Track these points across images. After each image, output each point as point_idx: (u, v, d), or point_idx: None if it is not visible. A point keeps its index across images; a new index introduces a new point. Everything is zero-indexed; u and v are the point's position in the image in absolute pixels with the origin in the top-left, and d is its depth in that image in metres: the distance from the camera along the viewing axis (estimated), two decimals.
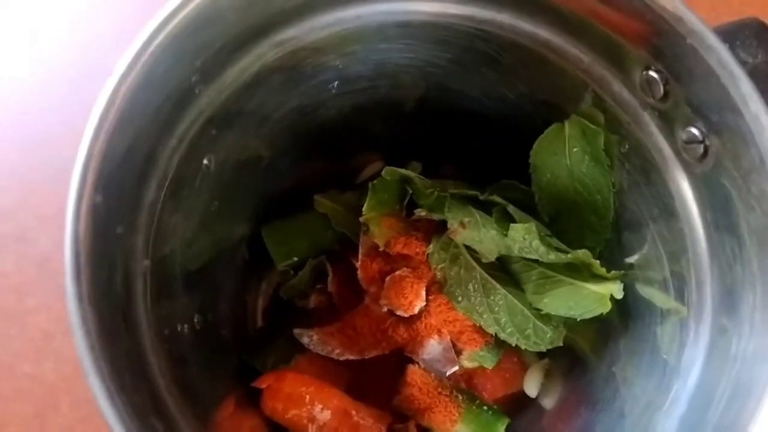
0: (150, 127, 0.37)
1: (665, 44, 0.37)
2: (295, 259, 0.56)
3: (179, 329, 0.43)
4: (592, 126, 0.46)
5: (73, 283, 0.31)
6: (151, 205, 0.39)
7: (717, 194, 0.38)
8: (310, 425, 0.51)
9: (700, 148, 0.38)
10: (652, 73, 0.39)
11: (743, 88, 0.35)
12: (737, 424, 0.33)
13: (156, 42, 0.35)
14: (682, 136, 0.40)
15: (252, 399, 0.52)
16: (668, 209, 0.42)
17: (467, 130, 0.55)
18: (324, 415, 0.51)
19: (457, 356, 0.53)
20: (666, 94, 0.39)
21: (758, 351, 0.34)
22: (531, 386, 0.55)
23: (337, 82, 0.49)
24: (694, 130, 0.38)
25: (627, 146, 0.45)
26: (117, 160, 0.35)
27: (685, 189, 0.41)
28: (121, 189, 0.36)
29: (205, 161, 0.44)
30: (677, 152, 0.41)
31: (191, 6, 0.35)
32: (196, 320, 0.46)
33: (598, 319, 0.49)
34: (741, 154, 0.35)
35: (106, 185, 0.34)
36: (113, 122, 0.34)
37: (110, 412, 0.30)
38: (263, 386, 0.51)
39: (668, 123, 0.40)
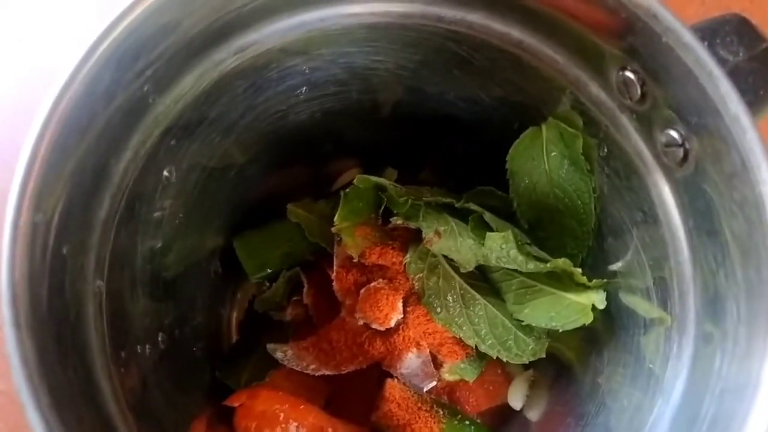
0: (99, 140, 0.35)
1: (640, 42, 0.35)
2: (269, 270, 0.54)
3: (139, 350, 0.41)
4: (570, 129, 0.44)
5: (9, 309, 0.29)
6: (104, 223, 0.38)
7: (698, 200, 0.36)
8: None
9: (680, 152, 0.37)
10: (629, 74, 0.38)
11: (722, 89, 0.33)
12: None
13: (100, 50, 0.33)
14: (662, 138, 0.38)
15: (225, 418, 0.50)
16: (650, 215, 0.41)
17: (444, 136, 0.54)
18: None
19: (438, 369, 0.51)
20: (643, 95, 0.38)
21: (742, 369, 0.32)
22: (515, 398, 0.53)
23: (305, 88, 0.47)
24: (674, 133, 0.37)
25: (606, 150, 0.43)
26: (61, 176, 0.33)
27: (666, 194, 0.39)
28: (67, 207, 0.34)
29: (165, 173, 0.42)
30: (657, 156, 0.39)
31: (137, 12, 0.33)
32: (160, 339, 0.44)
33: (583, 329, 0.47)
34: (722, 157, 0.33)
35: (47, 203, 0.32)
36: (54, 135, 0.32)
37: None
38: (236, 404, 0.50)
39: (647, 125, 0.39)
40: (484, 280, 0.50)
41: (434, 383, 0.50)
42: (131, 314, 0.41)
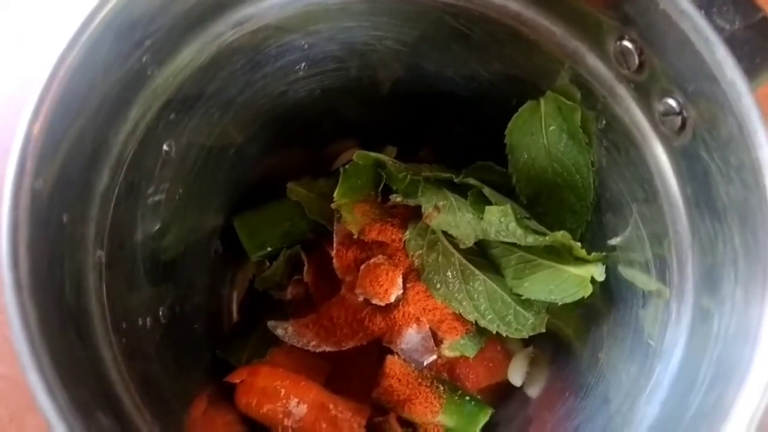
0: (98, 110, 0.35)
1: (637, 11, 0.35)
2: (269, 249, 0.54)
3: (140, 323, 0.41)
4: (568, 102, 0.44)
5: (10, 271, 0.30)
6: (104, 194, 0.38)
7: (696, 168, 0.36)
8: (285, 420, 0.49)
9: (678, 120, 0.37)
10: (626, 43, 0.38)
11: (718, 55, 0.33)
12: (719, 408, 0.31)
13: (97, 19, 0.33)
14: (659, 108, 0.38)
15: (226, 395, 0.50)
16: (648, 186, 0.41)
17: (443, 113, 0.54)
18: (300, 409, 0.49)
19: (438, 346, 0.51)
20: (641, 64, 0.38)
21: (740, 330, 0.32)
22: (515, 375, 0.53)
23: (304, 64, 0.47)
24: (671, 102, 0.37)
25: (604, 122, 0.43)
26: (60, 145, 0.33)
27: (664, 164, 0.39)
28: (67, 175, 0.34)
29: (165, 147, 0.43)
30: (655, 126, 0.39)
31: None
32: (161, 313, 0.45)
33: (582, 304, 0.47)
34: (718, 123, 0.34)
35: (47, 171, 0.32)
36: (54, 103, 0.32)
37: (48, 406, 0.28)
38: (237, 381, 0.50)
39: (644, 95, 0.39)
40: (483, 256, 0.50)
41: (434, 357, 0.50)
42: (132, 287, 0.41)
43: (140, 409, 0.36)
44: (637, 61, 0.38)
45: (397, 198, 0.51)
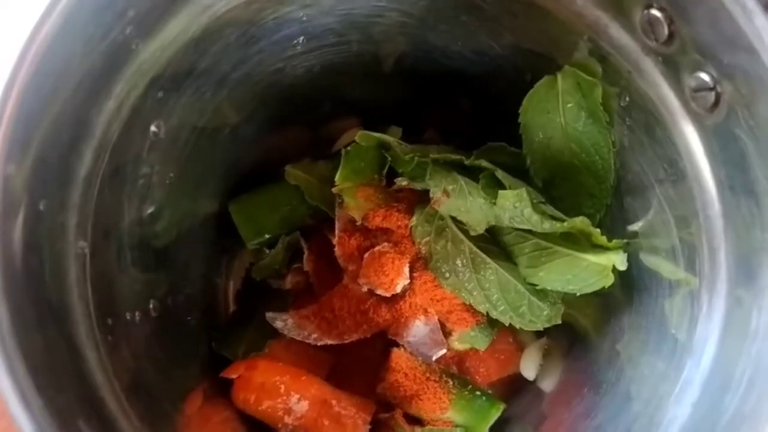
0: (77, 88, 0.32)
1: None
2: (267, 236, 0.51)
3: (128, 317, 0.38)
4: (587, 77, 0.41)
5: None
6: (86, 179, 0.35)
7: (731, 148, 0.34)
8: (286, 417, 0.47)
9: (711, 96, 0.34)
10: (655, 12, 0.35)
11: (757, 23, 0.30)
12: (759, 411, 0.29)
13: None
14: (690, 83, 0.35)
15: (223, 390, 0.48)
16: (676, 169, 0.38)
17: (450, 91, 0.51)
18: (301, 405, 0.47)
19: (447, 338, 0.49)
20: (671, 35, 0.35)
21: None
22: (528, 368, 0.51)
23: (302, 38, 0.44)
24: (704, 76, 0.34)
25: (628, 99, 0.40)
26: (35, 126, 0.30)
27: (694, 144, 0.36)
28: (44, 159, 0.31)
29: (152, 128, 0.39)
30: (685, 102, 0.36)
31: None
32: (151, 306, 0.42)
33: (600, 294, 0.44)
34: (757, 99, 0.31)
35: (21, 154, 0.29)
36: (26, 80, 0.29)
37: (22, 415, 0.26)
38: (233, 376, 0.47)
39: (674, 69, 0.36)
40: (494, 244, 0.47)
41: (443, 351, 0.48)
42: (119, 280, 0.39)
43: (127, 412, 0.33)
44: (666, 32, 0.35)
45: (402, 182, 0.48)
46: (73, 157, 0.33)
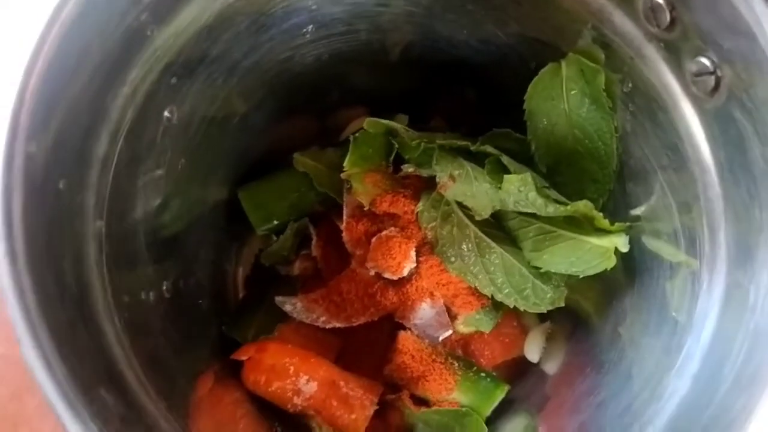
0: (95, 72, 0.33)
1: None
2: (275, 222, 0.52)
3: (143, 297, 0.39)
4: (591, 64, 0.42)
5: (4, 240, 0.28)
6: (103, 160, 0.36)
7: (730, 131, 0.34)
8: (295, 398, 0.47)
9: (711, 80, 0.35)
10: None
11: (757, 9, 0.31)
12: (757, 380, 0.29)
13: None
14: (692, 68, 0.36)
15: (233, 372, 0.49)
16: (677, 152, 0.39)
17: (456, 80, 0.51)
18: (310, 386, 0.48)
19: (452, 321, 0.50)
20: (672, 21, 0.35)
21: None
22: (532, 351, 0.52)
23: (311, 26, 0.45)
24: (705, 60, 0.35)
25: (630, 85, 0.41)
26: (55, 107, 0.31)
27: (695, 128, 0.37)
28: (63, 140, 0.32)
29: (166, 113, 0.40)
30: (686, 87, 0.37)
31: None
32: (164, 288, 0.43)
33: (602, 278, 0.45)
34: (756, 82, 0.32)
35: (42, 134, 0.30)
36: (47, 62, 0.30)
37: (47, 382, 0.27)
38: (243, 358, 0.48)
39: (675, 55, 0.37)
40: (499, 229, 0.48)
41: (449, 332, 0.49)
42: (134, 261, 0.40)
43: (144, 386, 0.34)
44: (668, 18, 0.35)
45: (409, 168, 0.49)
46: (91, 139, 0.34)
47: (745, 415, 0.30)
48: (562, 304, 0.46)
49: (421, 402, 0.50)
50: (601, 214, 0.43)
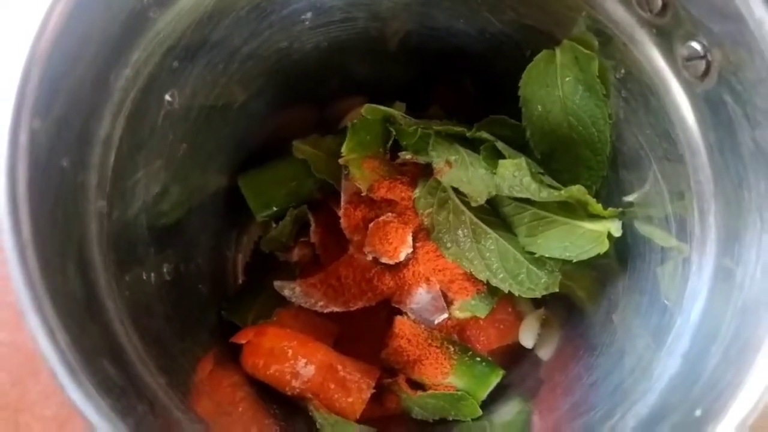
0: (98, 52, 0.34)
1: None
2: (275, 209, 0.53)
3: (144, 277, 0.40)
4: (585, 51, 0.43)
5: (9, 215, 0.28)
6: (105, 142, 0.36)
7: (720, 113, 0.35)
8: (293, 381, 0.48)
9: (702, 64, 0.35)
10: None
11: None
12: (744, 355, 0.30)
13: None
14: (683, 52, 0.36)
15: (233, 356, 0.49)
16: (669, 138, 0.39)
17: (453, 69, 0.52)
18: (308, 370, 0.48)
19: (448, 307, 0.50)
20: (664, 6, 0.36)
21: (766, 277, 0.31)
22: (527, 337, 0.52)
23: (310, 13, 0.45)
24: (695, 45, 0.35)
25: (623, 71, 0.41)
26: (59, 85, 0.32)
27: (686, 112, 0.38)
28: (66, 118, 0.32)
29: (167, 97, 0.41)
30: (677, 72, 0.38)
31: None
32: (165, 270, 0.44)
33: (596, 265, 0.46)
34: (745, 65, 0.32)
35: (46, 111, 0.31)
36: (51, 41, 0.31)
37: (49, 349, 0.27)
38: (243, 342, 0.49)
39: (667, 40, 0.37)
40: (494, 215, 0.49)
41: (445, 315, 0.49)
42: (134, 242, 0.40)
43: (145, 361, 0.35)
44: (659, 3, 0.36)
45: (406, 155, 0.49)
46: (93, 119, 0.35)
47: (732, 387, 0.30)
48: (557, 290, 0.47)
49: (418, 386, 0.50)
50: (594, 199, 0.43)
